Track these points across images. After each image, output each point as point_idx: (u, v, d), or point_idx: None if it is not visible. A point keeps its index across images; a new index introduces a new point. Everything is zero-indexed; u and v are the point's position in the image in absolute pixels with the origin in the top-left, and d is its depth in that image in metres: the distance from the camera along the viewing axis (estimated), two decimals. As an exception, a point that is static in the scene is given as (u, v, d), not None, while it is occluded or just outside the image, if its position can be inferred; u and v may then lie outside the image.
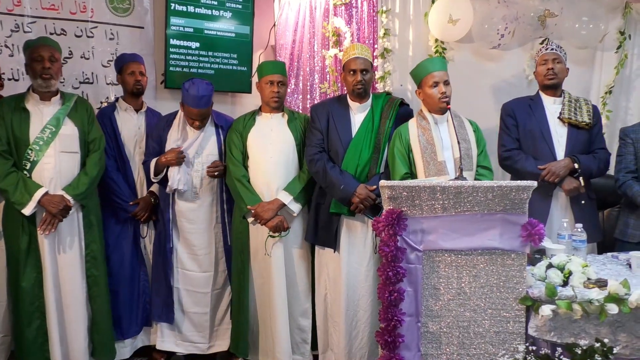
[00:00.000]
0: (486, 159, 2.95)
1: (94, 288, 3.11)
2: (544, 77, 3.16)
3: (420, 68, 2.95)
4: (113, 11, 3.76)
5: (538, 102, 3.22)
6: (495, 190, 2.23)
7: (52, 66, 2.98)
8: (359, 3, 4.00)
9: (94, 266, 3.11)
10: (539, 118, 3.16)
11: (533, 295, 2.25)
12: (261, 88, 3.27)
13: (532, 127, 3.16)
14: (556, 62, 3.14)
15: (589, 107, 3.17)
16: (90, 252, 3.10)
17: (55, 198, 2.91)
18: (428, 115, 2.90)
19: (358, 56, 3.08)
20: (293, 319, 3.25)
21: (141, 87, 3.40)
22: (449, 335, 2.32)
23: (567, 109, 3.12)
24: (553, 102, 3.19)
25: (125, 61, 3.40)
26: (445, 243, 2.30)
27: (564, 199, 3.10)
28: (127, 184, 3.34)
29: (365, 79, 3.07)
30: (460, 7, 3.78)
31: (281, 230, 3.13)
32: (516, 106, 3.25)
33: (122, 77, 3.40)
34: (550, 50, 3.17)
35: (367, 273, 3.07)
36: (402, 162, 2.88)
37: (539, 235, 2.25)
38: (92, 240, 3.10)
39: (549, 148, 3.11)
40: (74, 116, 3.06)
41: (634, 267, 2.51)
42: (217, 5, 4.03)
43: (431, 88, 2.85)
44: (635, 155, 3.06)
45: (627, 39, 3.85)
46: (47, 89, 3.00)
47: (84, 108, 3.13)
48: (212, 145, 3.31)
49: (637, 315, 2.14)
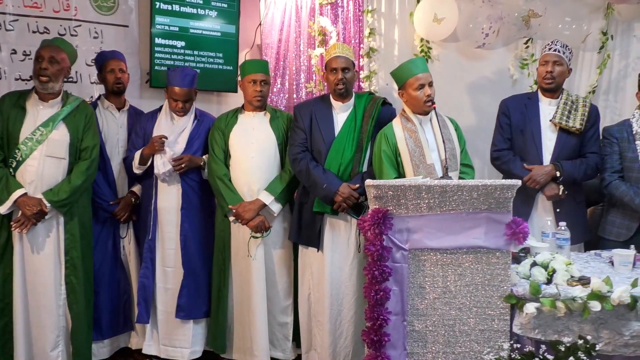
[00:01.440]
0: (467, 157, 2.96)
1: (72, 295, 3.05)
2: (542, 79, 3.15)
3: (403, 70, 2.90)
4: (97, 10, 3.72)
5: (535, 102, 3.21)
6: (480, 189, 2.25)
7: (51, 67, 2.94)
8: (345, 2, 4.00)
9: (73, 273, 3.04)
10: (532, 119, 3.16)
11: (517, 293, 2.27)
12: (244, 87, 3.27)
13: (524, 128, 3.16)
14: (557, 65, 3.10)
15: (586, 109, 3.12)
16: (69, 258, 3.03)
17: (32, 201, 2.88)
18: (412, 116, 2.87)
19: (339, 55, 3.09)
20: (273, 316, 3.27)
21: (122, 84, 3.36)
22: (434, 334, 2.33)
23: (559, 113, 3.10)
24: (549, 104, 3.18)
25: (105, 59, 3.37)
26: (430, 242, 2.31)
27: (546, 203, 3.13)
28: (107, 184, 3.31)
29: (347, 78, 3.07)
30: (445, 7, 3.80)
31: (262, 230, 3.13)
32: (512, 104, 3.24)
33: (102, 75, 3.37)
34: (553, 51, 3.12)
35: (350, 272, 3.08)
36: (390, 165, 2.84)
37: (523, 234, 2.27)
38: (73, 246, 3.03)
39: (537, 150, 3.13)
40: (69, 121, 3.02)
41: (616, 264, 2.54)
42: (202, 4, 4.00)
43: (416, 91, 2.82)
44: (620, 154, 3.07)
45: (610, 40, 3.89)
46: (44, 90, 2.97)
47: (83, 113, 3.08)
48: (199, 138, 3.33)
49: (620, 312, 2.17)
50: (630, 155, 3.03)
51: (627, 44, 3.91)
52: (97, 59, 3.44)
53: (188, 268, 3.27)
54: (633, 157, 3.01)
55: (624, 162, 3.06)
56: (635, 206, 2.95)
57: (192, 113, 3.38)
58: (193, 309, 3.29)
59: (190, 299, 3.27)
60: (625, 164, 3.06)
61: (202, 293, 3.33)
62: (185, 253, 3.26)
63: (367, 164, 3.08)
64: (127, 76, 3.43)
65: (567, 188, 3.07)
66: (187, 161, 3.20)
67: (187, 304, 3.26)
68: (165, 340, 3.32)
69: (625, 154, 3.05)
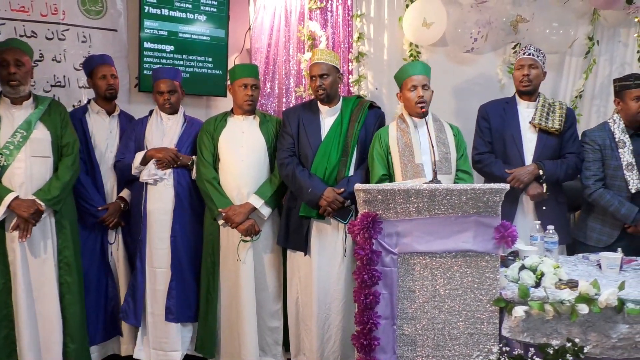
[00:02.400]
0: (466, 163, 2.99)
1: (67, 295, 3.04)
2: (519, 82, 3.20)
3: (401, 71, 3.01)
4: (85, 14, 3.70)
5: (513, 105, 3.26)
6: (469, 193, 2.26)
7: (19, 71, 2.91)
8: (334, 7, 4.01)
9: (68, 273, 3.04)
10: (512, 122, 3.20)
11: (506, 296, 2.28)
12: (234, 91, 3.27)
13: (504, 131, 3.20)
14: (532, 68, 3.16)
15: (563, 111, 3.19)
16: (63, 258, 3.03)
17: (26, 202, 2.86)
18: (408, 118, 2.94)
19: (317, 61, 3.14)
20: (263, 320, 3.26)
21: (114, 90, 3.36)
22: (424, 338, 2.34)
23: (538, 114, 3.15)
24: (527, 107, 3.23)
25: (95, 64, 3.35)
26: (420, 246, 2.32)
27: (529, 203, 3.16)
28: (96, 189, 3.29)
29: (325, 84, 3.10)
30: (434, 12, 3.82)
31: (252, 234, 3.13)
32: (491, 109, 3.29)
33: (92, 81, 3.35)
34: (528, 55, 3.18)
35: (338, 276, 3.09)
36: (380, 163, 2.93)
37: (511, 238, 2.28)
38: (65, 246, 3.04)
39: (519, 152, 3.16)
40: (46, 120, 3.01)
41: (604, 267, 2.56)
42: (191, 9, 4.00)
43: (409, 91, 2.90)
44: (603, 162, 3.08)
45: (596, 45, 3.93)
46: (15, 94, 2.95)
47: (57, 112, 3.07)
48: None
49: (607, 314, 2.18)
50: (614, 164, 3.04)
51: (613, 49, 3.95)
52: (86, 64, 3.42)
53: (176, 269, 3.25)
54: (617, 165, 3.02)
55: (607, 170, 3.07)
56: (620, 216, 2.97)
57: (181, 116, 3.39)
58: (182, 312, 3.28)
59: (178, 301, 3.26)
60: (608, 172, 3.07)
61: (190, 296, 3.32)
62: (174, 254, 3.25)
63: (354, 168, 3.09)
64: (118, 81, 3.43)
65: (548, 189, 3.11)
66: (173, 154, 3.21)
67: (176, 306, 3.25)
68: (155, 344, 3.30)
69: (609, 162, 3.06)
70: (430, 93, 2.94)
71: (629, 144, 3.01)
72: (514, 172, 3.08)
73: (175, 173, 3.26)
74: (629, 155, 2.99)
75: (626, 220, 2.97)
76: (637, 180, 2.96)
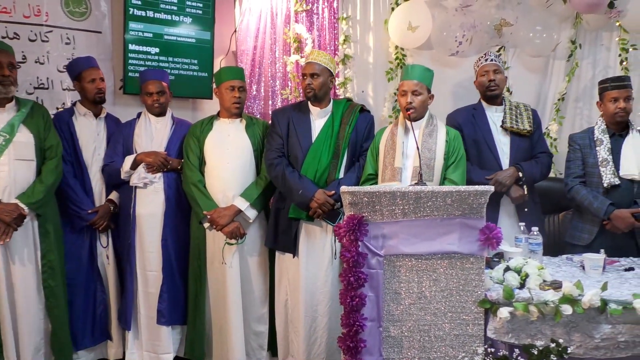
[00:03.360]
0: (456, 172, 2.91)
1: (51, 299, 3.02)
2: (486, 88, 3.26)
3: (401, 75, 3.07)
4: (69, 15, 3.67)
5: (481, 111, 3.31)
6: (454, 195, 2.27)
7: (11, 73, 2.92)
8: (320, 10, 4.02)
9: (51, 277, 3.01)
10: (483, 128, 3.25)
11: (491, 298, 2.29)
12: (221, 94, 3.26)
13: (476, 137, 3.24)
14: (497, 73, 3.24)
15: (529, 112, 3.28)
16: (46, 262, 3.00)
17: (9, 207, 2.83)
18: (402, 121, 2.98)
19: (310, 61, 3.15)
20: (249, 324, 3.25)
21: (103, 94, 3.34)
22: (410, 339, 2.34)
23: (508, 118, 3.23)
24: (495, 111, 3.29)
25: (83, 67, 3.31)
26: (405, 248, 2.32)
27: (511, 206, 3.19)
28: (85, 192, 3.26)
29: (314, 83, 3.10)
30: (419, 15, 3.84)
31: (237, 236, 3.11)
32: (460, 117, 3.32)
33: (80, 85, 3.30)
34: (490, 62, 3.27)
35: (325, 278, 3.08)
36: (370, 163, 3.00)
37: (496, 239, 2.29)
38: (49, 250, 3.01)
39: (494, 157, 3.21)
40: (29, 123, 2.98)
41: (587, 268, 2.59)
42: (176, 11, 3.98)
43: (400, 96, 2.94)
44: (583, 160, 3.15)
45: (578, 48, 3.98)
46: (6, 95, 2.92)
47: (40, 114, 3.05)
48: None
49: (590, 315, 2.21)
50: (591, 161, 3.11)
51: (595, 52, 4.00)
52: (71, 67, 3.36)
53: (168, 273, 3.25)
54: (594, 162, 3.09)
55: (586, 168, 3.14)
56: (593, 210, 3.03)
57: (170, 118, 3.38)
58: (173, 315, 3.27)
59: (170, 304, 3.25)
60: (587, 170, 3.14)
61: (180, 299, 3.31)
62: (166, 257, 3.24)
63: (344, 170, 3.09)
64: (105, 85, 3.40)
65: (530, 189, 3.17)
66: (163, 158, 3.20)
67: (168, 309, 3.24)
68: (148, 347, 3.29)
69: (587, 160, 3.13)
70: (425, 98, 2.92)
71: (607, 142, 3.08)
72: (494, 176, 3.11)
73: (165, 176, 3.25)
74: (605, 152, 3.06)
75: (599, 214, 3.01)
76: (611, 175, 3.02)
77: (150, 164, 3.19)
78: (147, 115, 3.35)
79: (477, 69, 3.33)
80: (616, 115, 3.05)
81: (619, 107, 3.03)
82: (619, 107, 3.03)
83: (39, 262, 2.99)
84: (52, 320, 3.04)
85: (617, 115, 3.04)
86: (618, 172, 3.02)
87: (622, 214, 2.96)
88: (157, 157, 3.20)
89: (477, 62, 3.36)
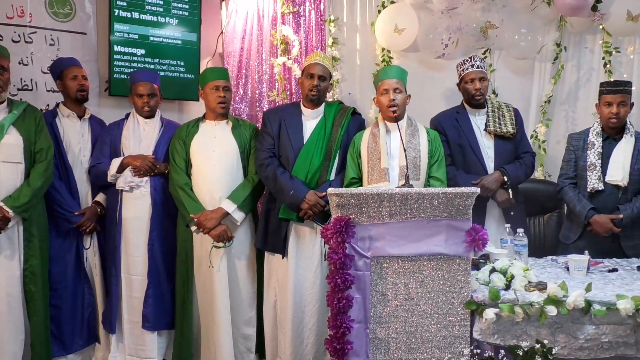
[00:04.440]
0: (439, 170, 2.98)
1: (31, 304, 2.98)
2: (471, 97, 3.24)
3: (377, 76, 3.07)
4: (53, 16, 3.63)
5: (464, 115, 3.30)
6: (440, 197, 2.28)
7: (2, 77, 2.90)
8: (307, 12, 4.02)
9: (32, 282, 2.97)
10: (467, 131, 3.25)
11: (477, 299, 2.30)
12: (205, 95, 3.25)
13: (461, 141, 3.24)
14: (482, 81, 3.23)
15: (511, 114, 3.28)
16: (28, 267, 2.96)
17: None
18: (381, 122, 2.98)
19: (319, 62, 3.13)
20: (237, 327, 3.23)
21: (85, 92, 3.30)
22: (396, 341, 2.35)
23: (491, 121, 3.23)
24: (478, 114, 3.29)
25: (65, 66, 3.28)
26: (392, 249, 2.33)
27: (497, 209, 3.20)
28: (70, 194, 3.22)
29: (321, 86, 3.10)
30: (405, 17, 3.86)
31: (225, 239, 3.10)
32: (444, 121, 3.31)
33: (63, 83, 3.28)
34: (477, 69, 3.23)
35: (314, 280, 3.08)
36: (351, 167, 2.98)
37: (482, 241, 2.30)
38: (32, 254, 2.97)
39: (479, 160, 3.21)
40: (20, 125, 2.95)
41: (572, 269, 2.61)
42: (162, 12, 3.96)
43: (381, 96, 2.94)
44: (576, 161, 3.18)
45: (563, 51, 4.01)
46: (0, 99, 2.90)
47: (32, 117, 3.01)
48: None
49: (575, 316, 2.22)
50: (582, 164, 3.14)
51: (580, 55, 4.04)
52: (54, 66, 3.34)
53: (154, 277, 3.22)
54: (583, 165, 3.12)
55: (578, 170, 3.18)
56: (576, 213, 3.08)
57: (158, 120, 3.36)
58: (158, 320, 3.24)
59: (155, 309, 3.22)
60: (578, 172, 3.18)
61: (167, 304, 3.28)
62: (152, 262, 3.22)
63: (335, 172, 3.09)
64: (88, 83, 3.37)
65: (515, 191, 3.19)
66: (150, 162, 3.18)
67: (153, 313, 3.22)
68: (131, 351, 3.26)
69: (579, 163, 3.17)
70: (405, 97, 2.97)
71: (598, 146, 3.09)
72: (480, 181, 3.11)
73: (152, 180, 3.23)
74: (594, 156, 3.08)
75: (580, 217, 3.06)
76: (596, 181, 3.05)
77: (137, 168, 3.17)
78: (135, 117, 3.33)
79: (462, 74, 3.29)
80: (609, 120, 3.06)
81: (612, 112, 3.03)
82: (611, 112, 3.04)
83: (22, 267, 2.95)
84: (32, 326, 2.99)
85: (610, 120, 3.06)
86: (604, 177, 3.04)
87: (601, 220, 3.01)
88: (145, 162, 3.18)
89: (462, 64, 3.31)
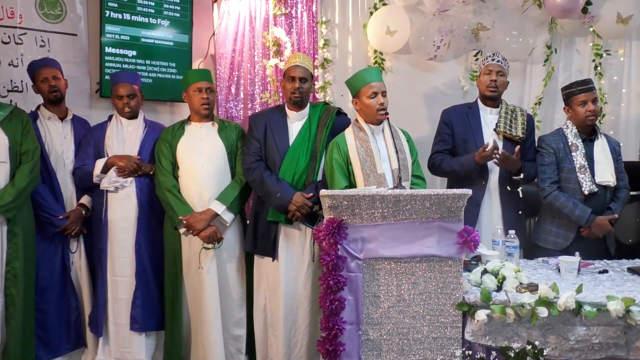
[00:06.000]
0: (418, 169, 3.00)
1: (10, 308, 2.90)
2: (485, 87, 3.21)
3: (357, 78, 2.93)
4: (44, 17, 3.61)
5: (475, 111, 3.28)
6: (433, 199, 2.29)
7: None
8: (299, 13, 4.02)
9: (13, 285, 2.91)
10: (475, 128, 3.23)
11: (469, 300, 2.31)
12: (189, 97, 3.24)
13: (467, 137, 3.22)
14: (500, 75, 3.19)
15: (524, 118, 3.24)
16: (10, 269, 2.90)
17: None
18: (365, 126, 2.89)
19: (298, 64, 3.10)
20: (227, 329, 3.22)
21: (58, 92, 3.23)
22: (389, 343, 2.35)
23: (502, 122, 3.19)
24: (490, 113, 3.26)
25: (36, 68, 3.24)
26: (384, 251, 2.33)
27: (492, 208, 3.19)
28: (54, 197, 3.19)
29: (304, 88, 3.09)
30: (397, 19, 3.87)
31: (214, 241, 3.09)
32: (453, 114, 3.30)
33: (37, 86, 3.25)
34: (497, 62, 3.21)
35: (305, 281, 3.08)
36: (341, 174, 2.86)
37: (474, 242, 2.31)
38: (15, 256, 2.91)
39: None
40: (6, 126, 2.93)
41: (563, 271, 2.62)
42: (154, 13, 3.94)
43: (370, 99, 2.85)
44: (557, 165, 3.14)
45: (554, 53, 4.04)
46: None
47: (19, 119, 3.00)
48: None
49: (565, 317, 2.23)
50: (567, 167, 3.10)
51: (570, 57, 4.08)
52: (28, 70, 3.28)
53: (141, 278, 3.20)
54: (570, 168, 3.09)
55: (562, 173, 3.13)
56: (575, 217, 3.03)
57: (142, 121, 3.35)
58: (147, 321, 3.22)
59: (143, 310, 3.20)
60: (562, 175, 3.13)
61: (155, 305, 3.27)
62: (139, 263, 3.20)
63: (322, 173, 3.09)
64: (63, 83, 3.30)
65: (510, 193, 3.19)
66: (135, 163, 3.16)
67: (141, 315, 3.20)
68: (118, 354, 3.23)
69: (562, 165, 3.12)
70: (387, 99, 2.93)
71: (582, 148, 3.09)
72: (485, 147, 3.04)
73: (137, 181, 3.21)
74: (582, 158, 3.07)
75: (580, 222, 3.03)
76: (590, 182, 3.04)
77: (122, 168, 3.15)
78: (118, 119, 3.31)
79: (482, 66, 3.27)
80: (587, 118, 3.06)
81: (589, 110, 3.04)
82: (588, 110, 3.04)
83: (3, 269, 2.90)
84: (9, 331, 2.91)
85: (588, 118, 3.05)
86: (594, 179, 3.05)
87: (602, 222, 3.01)
88: (130, 162, 3.16)
89: (484, 60, 3.30)
